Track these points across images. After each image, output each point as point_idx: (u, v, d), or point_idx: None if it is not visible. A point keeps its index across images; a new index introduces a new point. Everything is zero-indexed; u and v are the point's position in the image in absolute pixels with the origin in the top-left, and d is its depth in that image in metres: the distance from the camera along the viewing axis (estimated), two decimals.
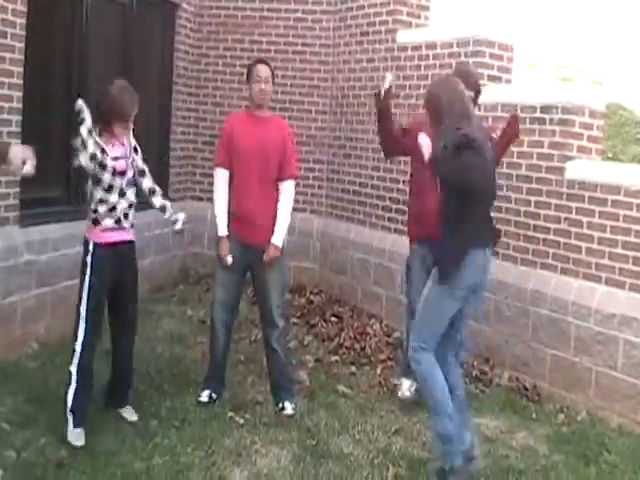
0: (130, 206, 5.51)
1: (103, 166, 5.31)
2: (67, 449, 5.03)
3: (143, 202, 5.71)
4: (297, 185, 6.31)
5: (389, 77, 6.10)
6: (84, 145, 5.19)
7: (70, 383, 5.25)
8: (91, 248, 5.35)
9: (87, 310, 5.28)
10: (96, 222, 5.38)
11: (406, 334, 6.13)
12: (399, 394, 6.31)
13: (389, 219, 8.59)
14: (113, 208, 5.39)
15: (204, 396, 6.02)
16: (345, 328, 8.10)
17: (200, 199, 10.22)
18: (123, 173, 5.42)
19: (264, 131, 5.96)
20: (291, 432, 5.62)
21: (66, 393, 5.26)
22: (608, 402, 6.14)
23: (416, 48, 8.36)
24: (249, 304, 8.81)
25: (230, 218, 6.03)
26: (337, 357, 7.29)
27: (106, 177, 5.33)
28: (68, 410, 5.23)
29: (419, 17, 8.95)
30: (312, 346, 7.63)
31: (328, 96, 9.81)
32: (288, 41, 9.87)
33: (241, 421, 5.72)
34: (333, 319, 8.43)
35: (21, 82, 6.56)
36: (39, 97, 7.03)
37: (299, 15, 9.84)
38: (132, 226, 5.58)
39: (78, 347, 5.26)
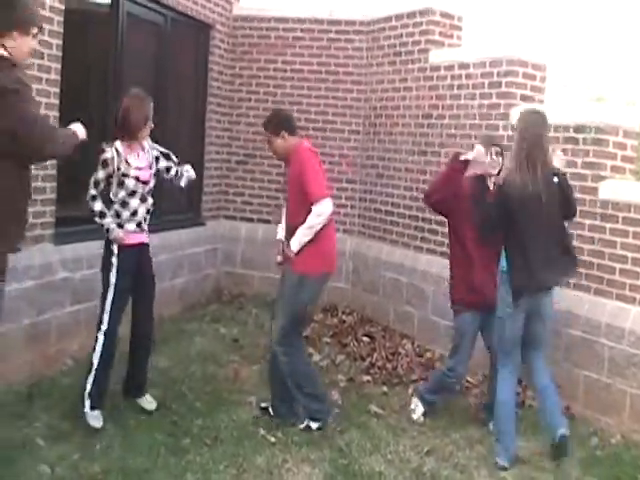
0: (148, 211, 5.97)
1: (126, 175, 5.74)
2: (100, 465, 5.06)
3: (176, 222, 5.85)
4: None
5: (478, 148, 6.05)
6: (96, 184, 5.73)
7: (90, 370, 5.66)
8: (116, 250, 5.75)
9: (112, 307, 5.73)
10: (120, 226, 5.79)
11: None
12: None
13: (421, 239, 8.58)
14: (135, 212, 5.84)
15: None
16: (377, 348, 8.10)
17: (233, 218, 10.28)
18: (146, 182, 5.86)
19: (288, 169, 6.08)
20: (323, 451, 5.61)
21: (86, 379, 5.65)
22: None
23: (449, 68, 8.38)
24: None
25: None
26: (369, 377, 7.28)
27: (130, 183, 5.77)
28: (86, 394, 5.62)
29: (452, 37, 8.96)
30: (344, 365, 7.62)
31: (361, 116, 9.84)
32: (321, 61, 9.93)
33: (273, 440, 5.72)
34: (365, 339, 8.42)
35: (57, 102, 6.65)
36: (75, 117, 7.09)
37: (332, 35, 9.89)
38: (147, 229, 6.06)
39: (101, 336, 5.71)
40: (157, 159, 6.02)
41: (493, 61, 7.78)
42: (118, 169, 5.71)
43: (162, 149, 6.11)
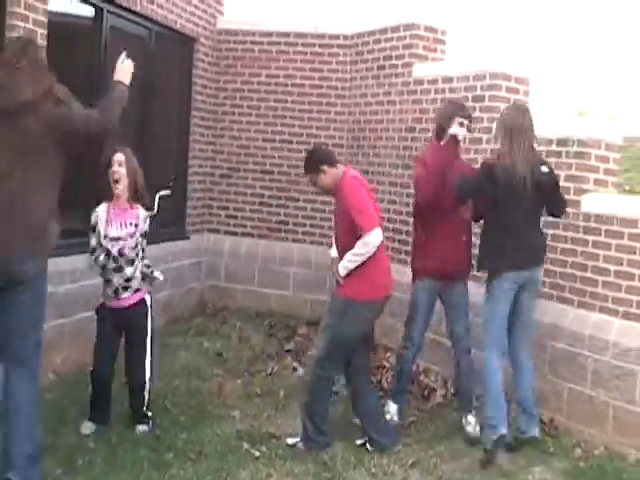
0: (128, 280, 5.86)
1: (99, 245, 5.84)
2: None
3: (160, 235, 5.83)
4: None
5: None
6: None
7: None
8: (95, 308, 5.99)
9: (95, 350, 5.94)
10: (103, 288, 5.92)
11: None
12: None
13: (405, 252, 8.57)
14: (108, 281, 5.85)
15: None
16: None
17: (217, 232, 10.27)
18: (122, 254, 5.84)
19: (335, 199, 6.07)
20: (307, 465, 5.60)
21: None
22: (626, 437, 6.09)
23: (432, 82, 8.41)
24: (266, 336, 8.84)
25: None
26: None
27: (101, 257, 5.83)
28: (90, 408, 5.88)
29: (435, 51, 8.99)
30: None
31: (345, 129, 9.86)
32: (305, 75, 9.95)
33: (257, 454, 5.70)
34: None
35: None
36: None
37: (316, 49, 9.91)
38: (137, 291, 5.94)
39: (93, 360, 5.90)
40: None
41: (476, 75, 7.82)
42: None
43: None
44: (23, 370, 4.62)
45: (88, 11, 7.64)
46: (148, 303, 5.99)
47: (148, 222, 5.98)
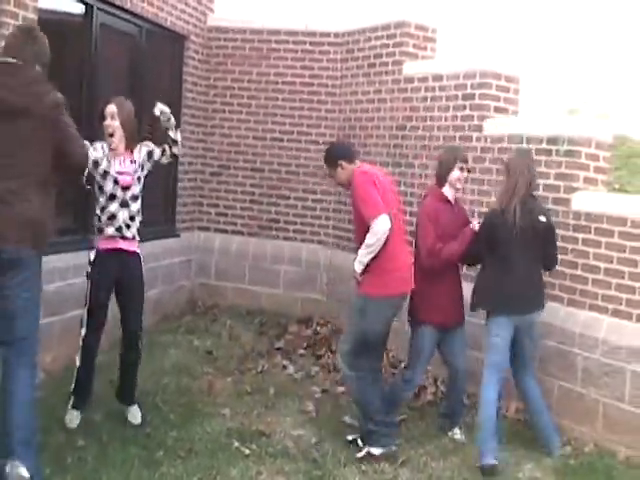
0: (132, 218, 5.86)
1: (105, 174, 5.73)
2: (73, 479, 5.02)
3: (150, 233, 5.82)
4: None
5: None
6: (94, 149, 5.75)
7: (73, 373, 5.84)
8: (94, 254, 5.83)
9: (87, 321, 5.82)
10: (100, 230, 5.82)
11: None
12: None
13: None
14: (113, 216, 5.77)
15: None
16: None
17: (207, 229, 10.26)
18: (127, 187, 5.81)
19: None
20: (297, 463, 5.60)
21: (72, 382, 5.85)
22: (616, 434, 6.11)
23: (422, 80, 8.41)
24: (256, 334, 8.84)
25: None
26: (343, 388, 7.25)
27: (108, 186, 5.74)
28: (70, 392, 5.84)
29: (425, 49, 8.99)
30: (318, 377, 7.61)
31: (335, 127, 9.85)
32: (296, 73, 9.94)
33: (247, 452, 5.70)
34: None
35: None
36: None
37: (307, 47, 9.90)
38: (134, 238, 5.93)
39: (82, 332, 5.81)
40: (150, 154, 6.09)
41: (467, 73, 7.82)
42: (100, 165, 5.76)
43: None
44: (23, 356, 4.65)
45: (78, 8, 7.62)
46: (142, 262, 6.04)
47: (145, 153, 6.02)
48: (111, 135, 5.82)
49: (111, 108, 5.83)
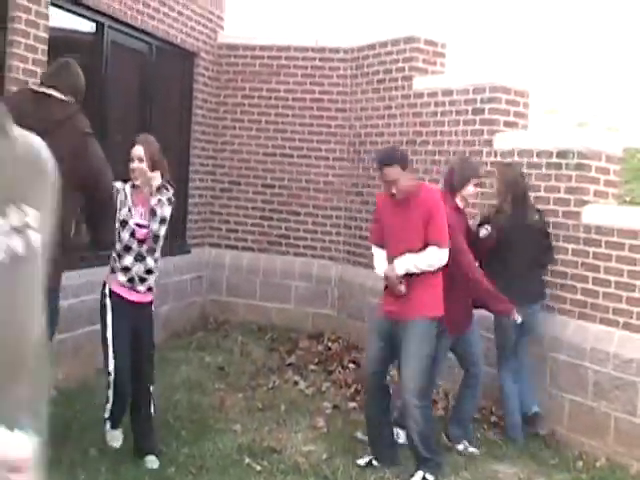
0: (149, 271, 5.51)
1: (123, 223, 5.40)
2: None
3: (161, 249, 5.75)
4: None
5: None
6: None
7: (107, 402, 5.45)
8: (107, 291, 5.49)
9: (114, 347, 5.39)
10: (113, 271, 5.51)
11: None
12: None
13: None
14: (127, 269, 5.43)
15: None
16: (363, 374, 8.07)
17: (218, 246, 10.28)
18: (143, 241, 5.44)
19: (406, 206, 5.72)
20: (308, 479, 5.59)
21: (104, 410, 5.50)
22: (627, 448, 6.08)
23: (432, 95, 8.43)
24: (268, 350, 8.84)
25: None
26: (355, 404, 7.26)
27: (125, 236, 5.41)
28: (105, 418, 5.54)
29: (435, 64, 9.02)
30: (330, 392, 7.61)
31: (345, 143, 9.88)
32: (305, 89, 9.97)
33: (258, 468, 5.69)
34: (351, 365, 8.41)
35: None
36: None
37: (316, 63, 9.94)
38: (150, 290, 5.58)
39: (112, 370, 5.36)
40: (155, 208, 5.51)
41: (476, 88, 7.84)
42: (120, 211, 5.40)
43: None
44: None
45: (89, 26, 7.68)
46: (153, 309, 5.75)
47: (167, 206, 5.52)
48: (136, 178, 5.43)
49: (138, 151, 5.41)
